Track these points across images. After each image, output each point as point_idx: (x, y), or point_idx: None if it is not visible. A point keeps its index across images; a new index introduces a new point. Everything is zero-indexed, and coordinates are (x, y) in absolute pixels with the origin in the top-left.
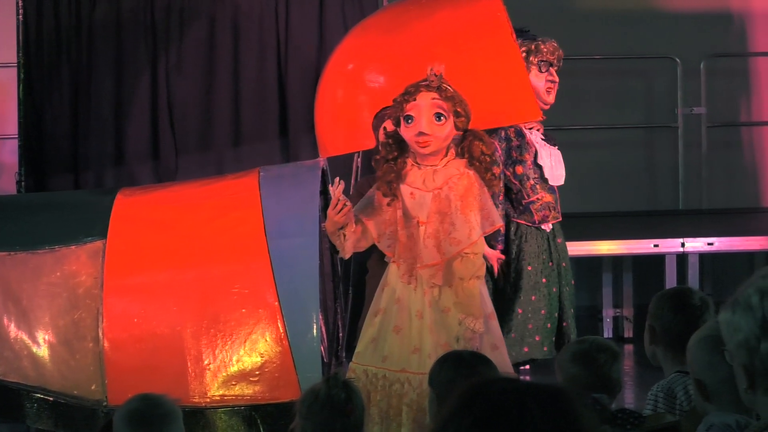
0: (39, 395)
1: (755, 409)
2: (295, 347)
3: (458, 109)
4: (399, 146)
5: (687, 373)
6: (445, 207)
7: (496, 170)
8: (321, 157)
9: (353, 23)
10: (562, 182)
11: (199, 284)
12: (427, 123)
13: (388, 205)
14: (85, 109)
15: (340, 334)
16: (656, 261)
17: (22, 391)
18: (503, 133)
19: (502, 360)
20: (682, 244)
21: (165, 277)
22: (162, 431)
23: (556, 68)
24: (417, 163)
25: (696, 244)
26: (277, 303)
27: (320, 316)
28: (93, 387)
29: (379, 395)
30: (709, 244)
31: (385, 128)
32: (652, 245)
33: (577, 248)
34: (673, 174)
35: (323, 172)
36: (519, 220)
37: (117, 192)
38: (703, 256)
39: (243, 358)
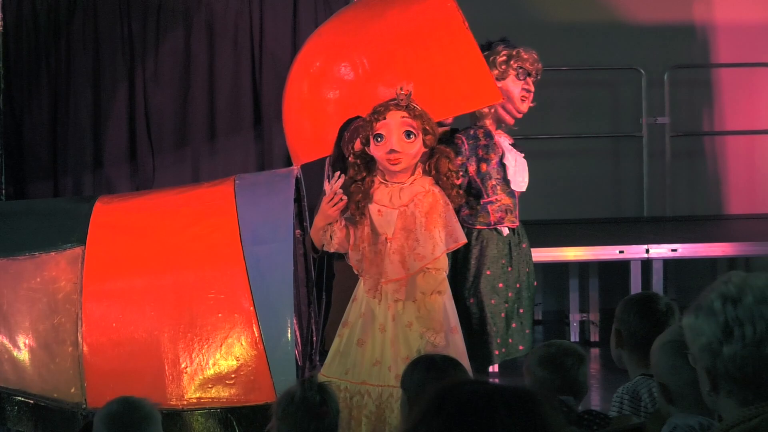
0: (19, 398)
1: (718, 411)
2: (270, 351)
3: (426, 127)
4: (366, 166)
5: (652, 376)
6: (410, 224)
7: (459, 182)
8: (294, 166)
9: None
10: (523, 189)
11: (176, 289)
12: (398, 141)
13: (358, 222)
14: (63, 118)
15: (314, 338)
16: (621, 267)
17: (2, 394)
18: (472, 131)
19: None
20: (647, 251)
21: (143, 282)
22: None
23: (533, 79)
24: (385, 180)
25: (660, 251)
26: (252, 308)
27: (294, 321)
28: (72, 390)
29: (341, 406)
30: (672, 250)
31: (352, 148)
32: (618, 251)
33: (545, 254)
34: (638, 182)
35: (297, 180)
36: (478, 226)
37: (96, 200)
38: (667, 262)
39: (219, 362)
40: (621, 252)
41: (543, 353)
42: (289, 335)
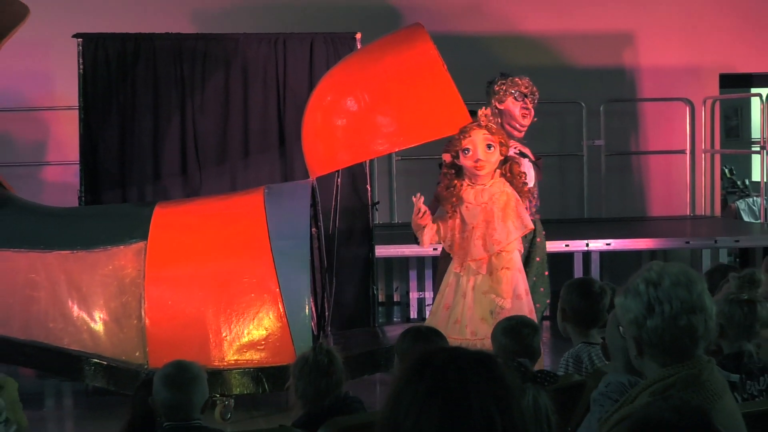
0: (95, 360)
1: (642, 371)
2: (292, 323)
3: (501, 140)
4: (456, 174)
5: (591, 344)
6: (489, 216)
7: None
8: (311, 178)
9: None
10: (529, 185)
11: (218, 275)
12: (482, 152)
13: (450, 217)
14: (129, 140)
15: (326, 314)
16: (567, 257)
17: (82, 357)
18: None
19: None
20: (587, 245)
21: (192, 269)
22: (190, 390)
23: (530, 100)
24: (471, 183)
25: (597, 245)
26: (278, 289)
27: (311, 300)
28: (137, 354)
29: None
30: (607, 244)
31: (444, 162)
32: (564, 245)
33: None
34: (580, 191)
35: (312, 189)
36: None
37: (155, 205)
38: (603, 254)
39: (252, 332)
40: (567, 245)
41: (505, 325)
42: (307, 311)
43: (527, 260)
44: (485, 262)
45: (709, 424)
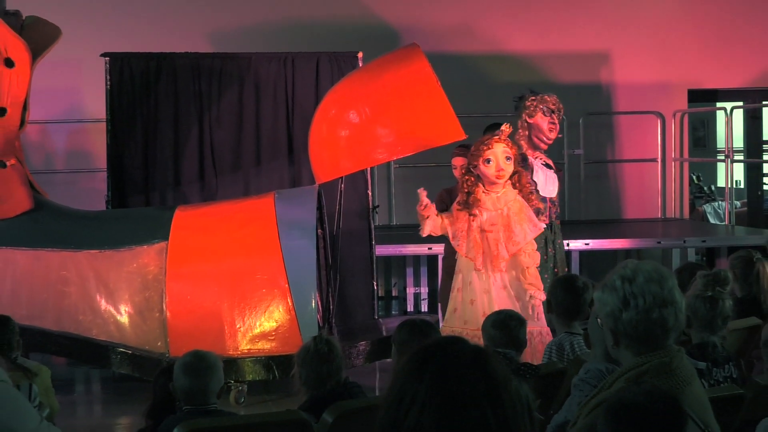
0: (121, 350)
1: (619, 359)
2: (300, 316)
3: (515, 154)
4: (475, 181)
5: (573, 333)
6: (506, 221)
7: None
8: (316, 184)
9: None
10: (552, 195)
11: (233, 272)
12: (503, 163)
13: (473, 221)
14: (152, 150)
15: (331, 307)
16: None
17: (109, 347)
18: None
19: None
20: (568, 244)
21: (209, 267)
22: (207, 377)
23: (557, 115)
24: (486, 190)
25: (577, 244)
26: (287, 285)
27: (317, 294)
28: (159, 344)
29: None
30: (586, 244)
31: (464, 168)
32: None
33: None
34: (561, 196)
35: (318, 194)
36: None
37: (175, 208)
38: (582, 252)
39: (263, 324)
40: None
41: (494, 318)
42: (313, 304)
43: (548, 257)
44: (507, 262)
45: (677, 407)
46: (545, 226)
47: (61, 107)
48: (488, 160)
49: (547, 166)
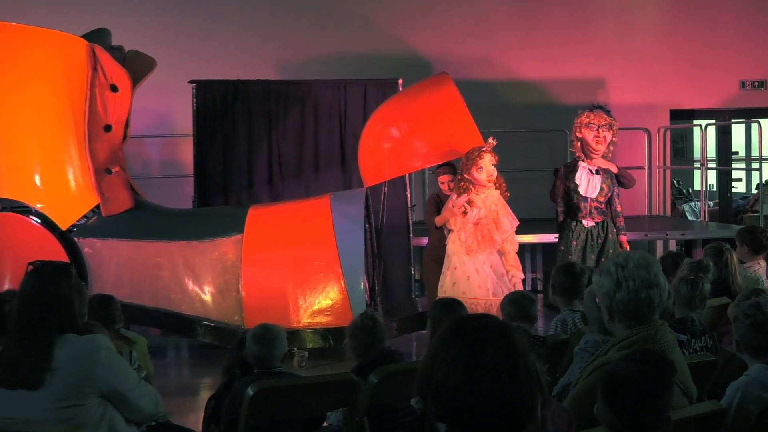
0: (205, 323)
1: (613, 332)
2: (351, 296)
3: (497, 161)
4: (467, 185)
5: (574, 311)
6: (494, 214)
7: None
8: (364, 187)
9: None
10: (592, 196)
11: (296, 259)
12: (492, 169)
13: (464, 214)
14: (230, 160)
15: (377, 289)
16: (555, 247)
17: (195, 320)
18: (561, 171)
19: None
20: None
21: (277, 255)
22: (273, 345)
23: (605, 129)
24: (476, 191)
25: None
26: (340, 270)
27: (365, 278)
28: (236, 318)
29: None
30: None
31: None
32: (554, 237)
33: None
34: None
35: (366, 195)
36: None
37: (249, 207)
38: None
39: (321, 301)
40: (555, 238)
41: (510, 297)
42: (362, 286)
43: (603, 246)
44: (495, 247)
45: (665, 360)
46: (595, 223)
47: (155, 124)
48: (480, 168)
49: (602, 171)
